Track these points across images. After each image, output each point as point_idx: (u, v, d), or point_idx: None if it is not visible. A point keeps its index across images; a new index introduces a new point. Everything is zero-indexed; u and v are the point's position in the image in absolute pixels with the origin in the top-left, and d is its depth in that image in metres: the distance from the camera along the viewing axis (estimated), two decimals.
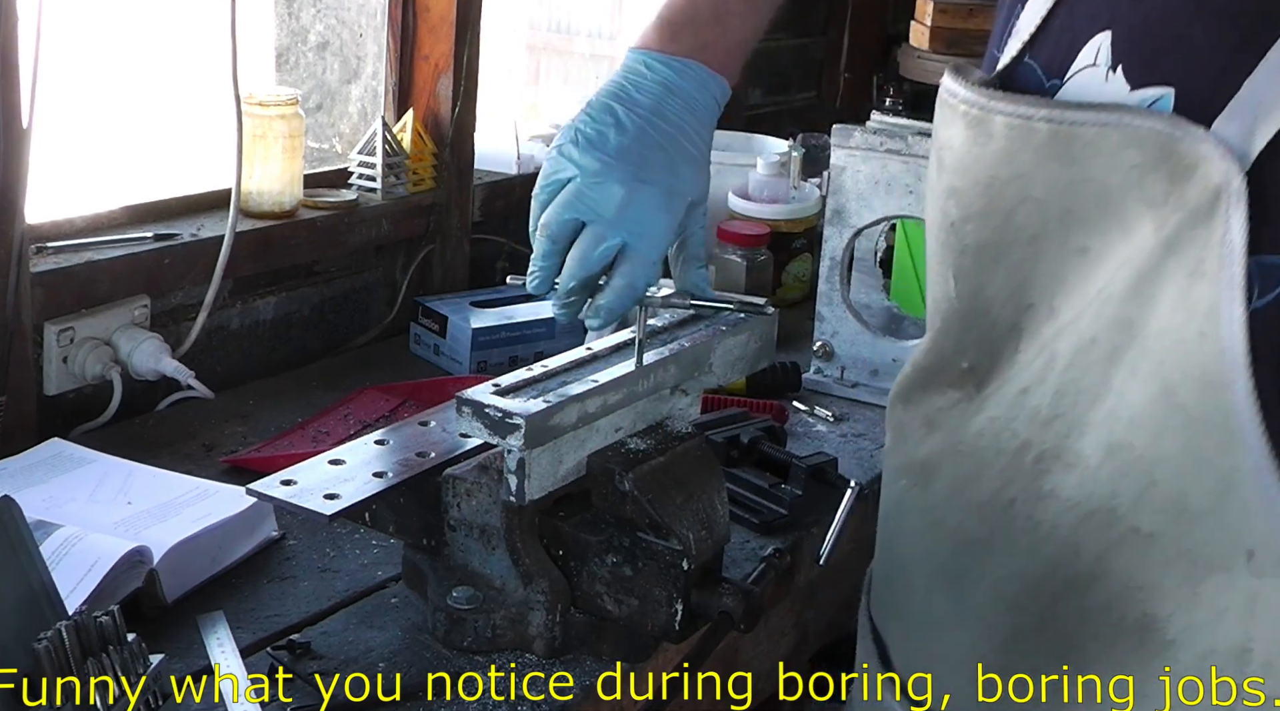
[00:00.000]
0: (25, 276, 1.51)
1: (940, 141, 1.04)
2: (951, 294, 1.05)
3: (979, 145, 0.99)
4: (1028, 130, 0.96)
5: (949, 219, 1.03)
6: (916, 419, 1.12)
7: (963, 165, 1.01)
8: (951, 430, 1.07)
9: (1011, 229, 0.99)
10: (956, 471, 1.07)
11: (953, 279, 1.04)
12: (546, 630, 1.19)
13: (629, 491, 1.16)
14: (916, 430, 1.12)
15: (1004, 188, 0.98)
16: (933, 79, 2.85)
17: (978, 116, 0.99)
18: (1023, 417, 1.01)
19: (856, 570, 1.78)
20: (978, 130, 0.99)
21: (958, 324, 1.05)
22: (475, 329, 1.87)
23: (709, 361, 1.29)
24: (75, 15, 1.91)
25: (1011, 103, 0.97)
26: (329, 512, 1.13)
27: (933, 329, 1.08)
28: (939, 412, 1.09)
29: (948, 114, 1.02)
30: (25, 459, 1.43)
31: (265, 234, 1.82)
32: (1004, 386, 1.03)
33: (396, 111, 2.05)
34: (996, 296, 1.01)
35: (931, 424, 1.10)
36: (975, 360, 1.05)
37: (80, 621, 1.02)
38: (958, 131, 1.01)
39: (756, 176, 2.24)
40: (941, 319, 1.07)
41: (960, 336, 1.05)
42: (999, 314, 1.02)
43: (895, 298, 2.01)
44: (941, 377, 1.08)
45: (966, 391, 1.06)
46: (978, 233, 1.01)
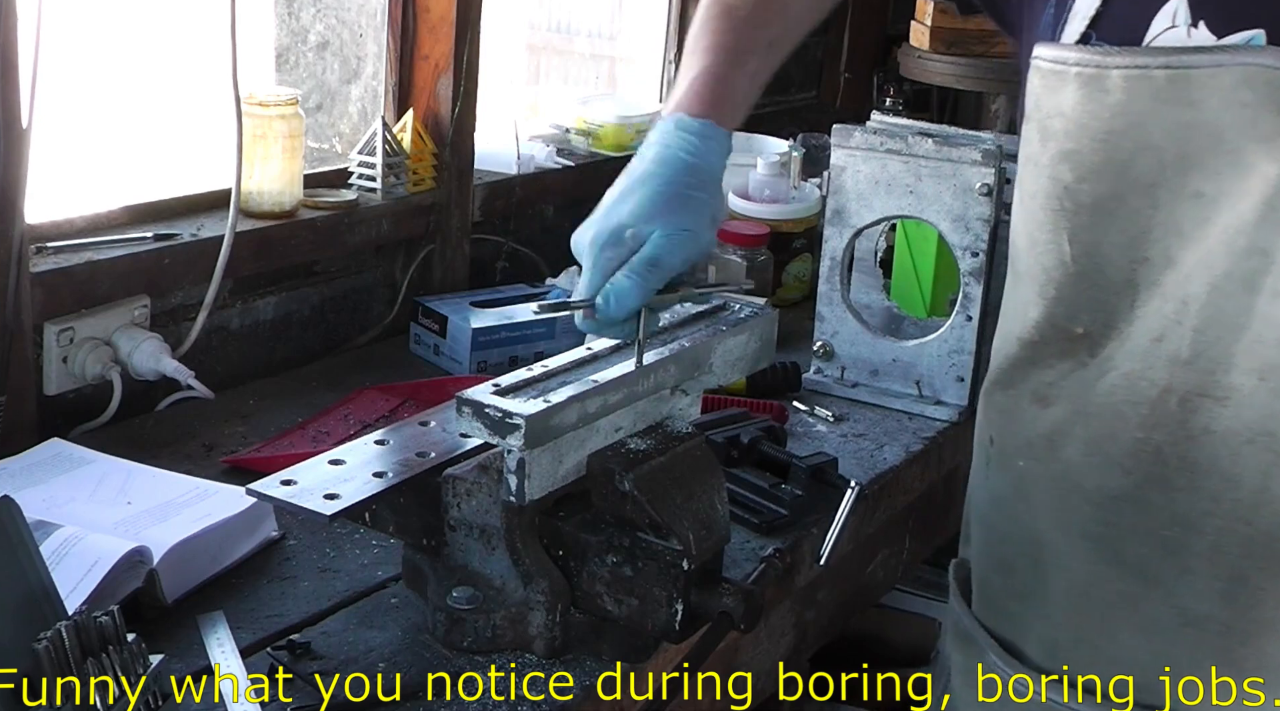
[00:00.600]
0: (25, 276, 1.51)
1: (1046, 110, 1.08)
2: (1066, 258, 1.08)
3: (1094, 102, 1.04)
4: (1145, 78, 1.01)
5: (1061, 184, 1.07)
6: (1024, 399, 1.15)
7: (1078, 125, 1.05)
8: (1072, 397, 1.11)
9: (1128, 180, 1.04)
10: (1088, 434, 1.10)
11: (1067, 242, 1.08)
12: (546, 630, 1.19)
13: (629, 491, 1.16)
14: (1027, 409, 1.15)
15: (1121, 139, 1.03)
16: (933, 79, 2.86)
17: (1093, 74, 1.03)
18: (1160, 364, 1.05)
19: (857, 570, 1.79)
20: (1093, 87, 1.03)
21: (1071, 288, 1.09)
22: (475, 329, 1.87)
23: (709, 361, 1.29)
24: (75, 15, 1.91)
25: (1128, 55, 1.02)
26: (329, 512, 1.13)
27: (1045, 299, 1.11)
28: (1050, 387, 1.13)
29: (1055, 81, 1.06)
30: (25, 459, 1.43)
31: (265, 234, 1.82)
32: (1127, 342, 1.07)
33: (396, 111, 2.05)
34: (1111, 253, 1.06)
35: (1044, 399, 1.13)
36: (1089, 323, 1.09)
37: (80, 621, 1.02)
38: (1070, 94, 1.05)
39: (756, 176, 2.24)
40: (1055, 287, 1.10)
41: (1073, 301, 1.09)
42: (1113, 272, 1.06)
43: (895, 298, 2.01)
44: (1049, 349, 1.12)
45: (1079, 359, 1.10)
46: (1094, 189, 1.05)
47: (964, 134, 1.79)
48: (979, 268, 1.74)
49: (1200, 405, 1.04)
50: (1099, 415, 1.09)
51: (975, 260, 1.74)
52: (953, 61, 2.78)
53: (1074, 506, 1.13)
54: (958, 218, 1.74)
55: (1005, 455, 1.19)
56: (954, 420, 1.79)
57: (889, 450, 1.71)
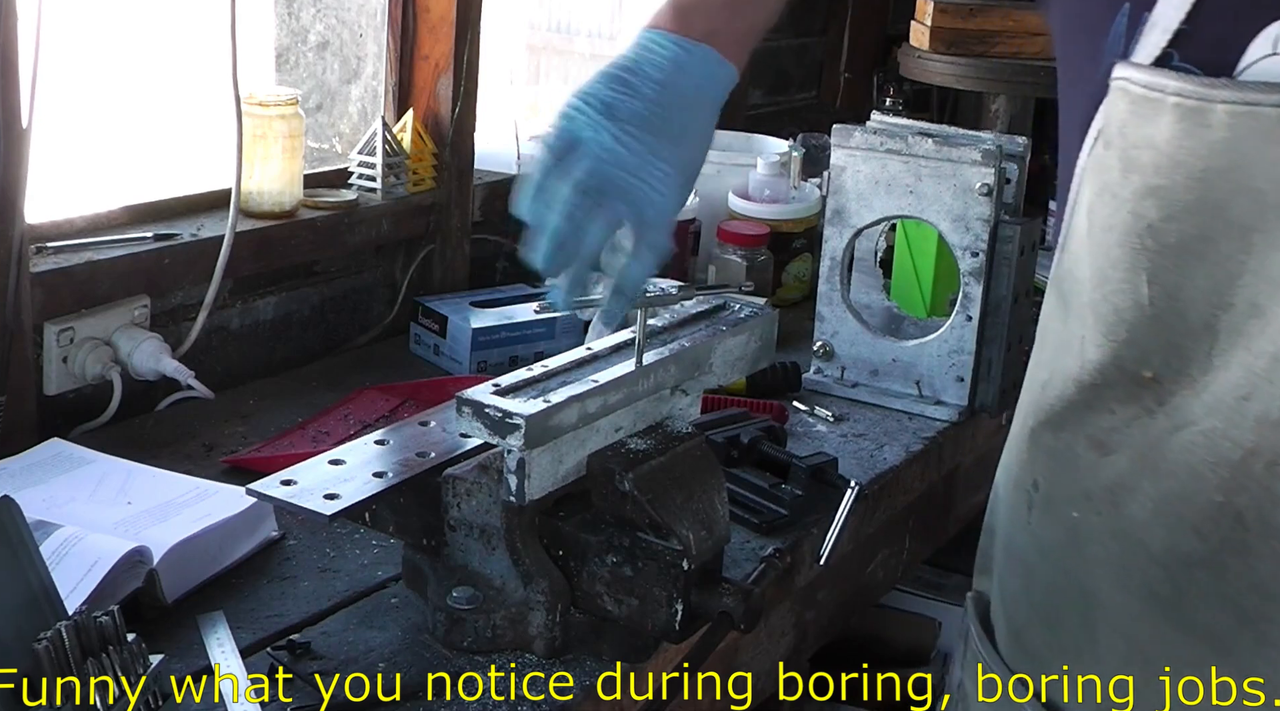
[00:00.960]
0: (25, 276, 1.50)
1: (1133, 139, 1.00)
2: (1144, 300, 1.00)
3: (1193, 137, 0.96)
4: (1253, 116, 0.94)
5: (1144, 221, 0.99)
6: (1078, 443, 1.07)
7: (1171, 160, 0.98)
8: (1139, 450, 1.03)
9: (1222, 223, 0.97)
10: (1158, 491, 1.02)
11: (1146, 283, 1.00)
12: (546, 630, 1.19)
13: (629, 491, 1.16)
14: (1083, 456, 1.07)
15: (1219, 178, 0.96)
16: (933, 79, 2.86)
17: (1195, 107, 0.96)
18: (1246, 424, 0.98)
19: (857, 570, 1.79)
20: (1193, 121, 0.96)
21: (1145, 330, 1.01)
22: (475, 329, 1.87)
23: (709, 361, 1.29)
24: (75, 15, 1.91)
25: (1237, 89, 0.95)
26: (329, 512, 1.13)
27: (1113, 341, 1.03)
28: (1110, 433, 1.05)
29: (1148, 109, 0.99)
30: (25, 459, 1.43)
31: (265, 234, 1.82)
32: (1204, 394, 0.99)
33: (396, 111, 2.05)
34: (1194, 297, 0.98)
35: (1103, 446, 1.05)
36: (1160, 367, 1.01)
37: (80, 621, 1.02)
38: (1165, 125, 0.97)
39: (756, 176, 2.24)
40: (1128, 329, 1.02)
41: (1146, 344, 1.01)
42: (1193, 316, 0.99)
43: (895, 298, 2.01)
44: (1111, 394, 1.04)
45: (1145, 405, 1.02)
46: (1182, 230, 0.98)
47: (964, 134, 1.79)
48: (979, 267, 1.74)
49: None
50: (1172, 473, 1.01)
51: (975, 260, 1.74)
52: (953, 61, 2.78)
53: (1138, 566, 1.05)
54: (958, 218, 1.74)
55: (1055, 503, 1.11)
56: (954, 420, 1.79)
57: (889, 450, 1.71)
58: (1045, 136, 3.20)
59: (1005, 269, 1.75)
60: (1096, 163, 1.04)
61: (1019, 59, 2.75)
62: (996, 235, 1.74)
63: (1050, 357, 1.11)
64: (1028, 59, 2.75)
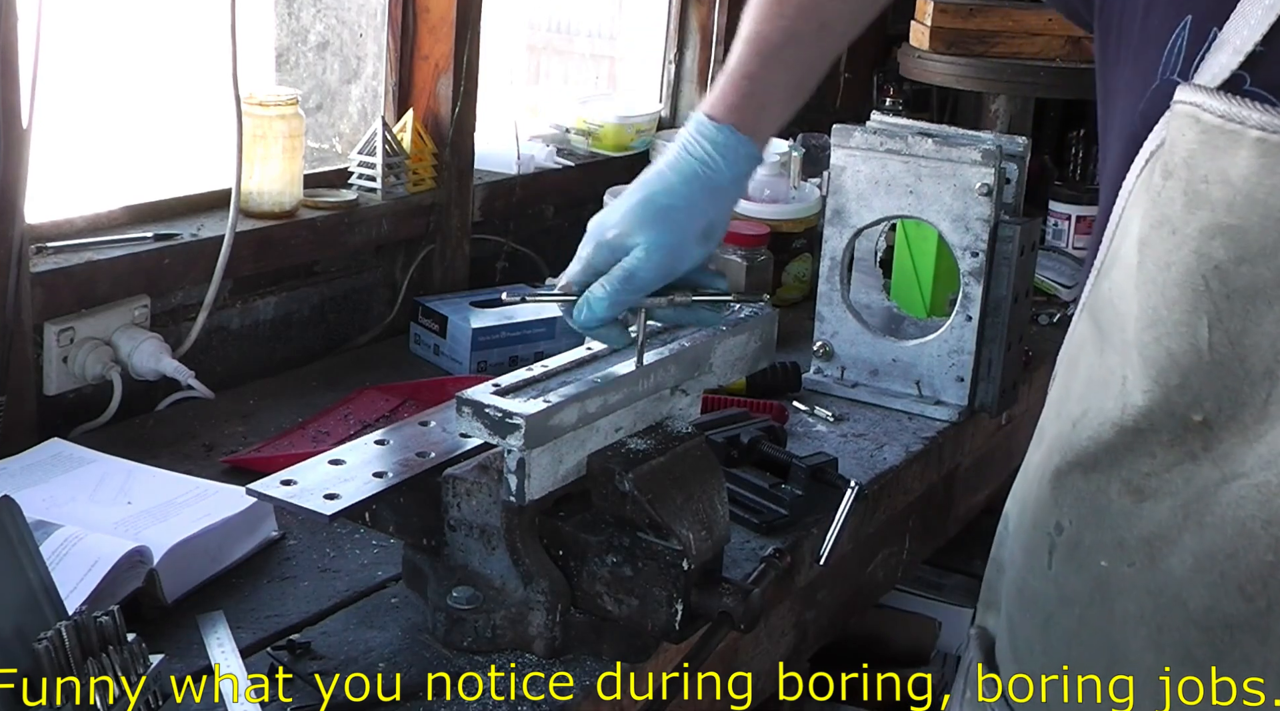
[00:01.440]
0: (25, 276, 1.50)
1: (1202, 173, 0.93)
2: (1203, 345, 0.94)
3: (1277, 175, 0.89)
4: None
5: (1211, 262, 0.93)
6: (1112, 487, 1.01)
7: (1248, 199, 0.91)
8: (1181, 499, 0.97)
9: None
10: (1202, 547, 0.96)
11: (1207, 328, 0.94)
12: (546, 630, 1.19)
13: (629, 491, 1.16)
14: (1116, 502, 1.01)
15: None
16: (933, 79, 2.86)
17: (1278, 143, 0.89)
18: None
19: (857, 570, 1.79)
20: (1277, 158, 0.89)
21: (1201, 376, 0.95)
22: (475, 329, 1.87)
23: (709, 361, 1.29)
24: (75, 15, 1.91)
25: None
26: (329, 512, 1.13)
27: (1163, 386, 0.97)
28: (1148, 478, 0.99)
29: (1223, 140, 0.92)
30: (25, 459, 1.43)
31: (265, 234, 1.82)
32: (1259, 444, 0.93)
33: (396, 111, 2.05)
34: (1260, 343, 0.92)
35: (1140, 492, 0.99)
36: (1211, 412, 0.95)
37: (80, 621, 1.02)
38: (1243, 160, 0.90)
39: (757, 176, 2.23)
40: (1181, 375, 0.96)
41: (1200, 389, 0.95)
42: (1255, 362, 0.93)
43: (895, 298, 2.01)
44: (1157, 437, 0.98)
45: (1190, 449, 0.96)
46: (1254, 273, 0.91)
47: (964, 134, 1.79)
48: (979, 267, 1.74)
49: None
50: (1217, 527, 0.95)
51: (975, 260, 1.74)
52: (953, 61, 2.78)
53: (1174, 626, 0.99)
54: (958, 218, 1.74)
55: (1082, 550, 1.05)
56: (954, 420, 1.79)
57: (889, 450, 1.71)
58: (1045, 136, 3.20)
59: (1005, 269, 1.75)
60: (1153, 193, 0.96)
61: (1019, 59, 2.75)
62: (996, 235, 1.74)
63: (1084, 392, 1.05)
64: (1028, 59, 2.75)
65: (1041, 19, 2.76)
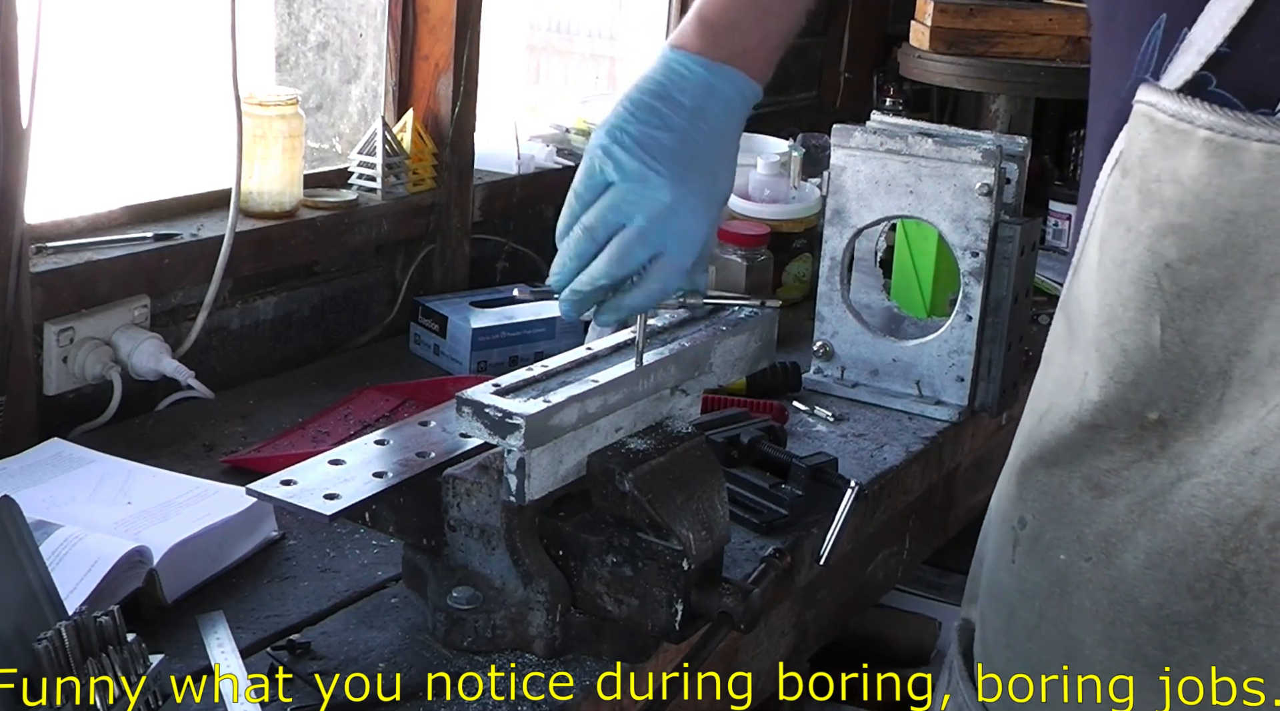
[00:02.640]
0: (25, 276, 1.51)
1: (1155, 172, 0.93)
2: (1155, 342, 0.94)
3: (1224, 175, 0.89)
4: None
5: (1162, 260, 0.93)
6: (1073, 483, 1.02)
7: (1198, 199, 0.91)
8: (1138, 496, 0.98)
9: (1247, 268, 0.90)
10: (1155, 544, 0.97)
11: (1159, 325, 0.94)
12: (546, 630, 1.19)
13: (629, 491, 1.16)
14: (1077, 497, 1.02)
15: (1249, 222, 0.89)
16: (933, 79, 2.86)
17: (1228, 143, 0.89)
18: (1252, 482, 0.92)
19: (857, 570, 1.79)
20: (1225, 159, 0.89)
21: (1154, 374, 0.95)
22: (475, 329, 1.87)
23: (709, 361, 1.29)
24: (75, 15, 1.91)
25: (1276, 128, 0.87)
26: (329, 512, 1.13)
27: (1119, 383, 0.97)
28: (1108, 475, 0.99)
29: (1174, 140, 0.92)
30: (25, 459, 1.43)
31: (265, 234, 1.82)
32: (1212, 445, 0.94)
33: (396, 111, 2.05)
34: (1211, 343, 0.93)
35: (1100, 489, 1.00)
36: (1167, 410, 0.95)
37: (80, 621, 1.02)
38: (1193, 160, 0.90)
39: (756, 176, 2.24)
40: (1135, 372, 0.96)
41: (1154, 388, 0.96)
42: (1207, 361, 0.93)
43: (895, 298, 2.01)
44: (1114, 434, 0.99)
45: (1147, 448, 0.97)
46: (1204, 273, 0.92)
47: (964, 134, 1.79)
48: (979, 267, 1.74)
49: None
50: (1169, 526, 0.96)
51: (975, 260, 1.74)
52: (953, 61, 2.78)
53: (1126, 622, 1.00)
54: (958, 218, 1.74)
55: (1042, 544, 1.06)
56: (954, 420, 1.79)
57: (889, 450, 1.71)
58: (1045, 136, 3.20)
59: (1005, 269, 1.75)
60: (1113, 190, 0.97)
61: (1019, 59, 2.75)
62: (996, 235, 1.74)
63: (1052, 388, 1.06)
64: (1028, 59, 2.75)
65: (1041, 19, 2.76)
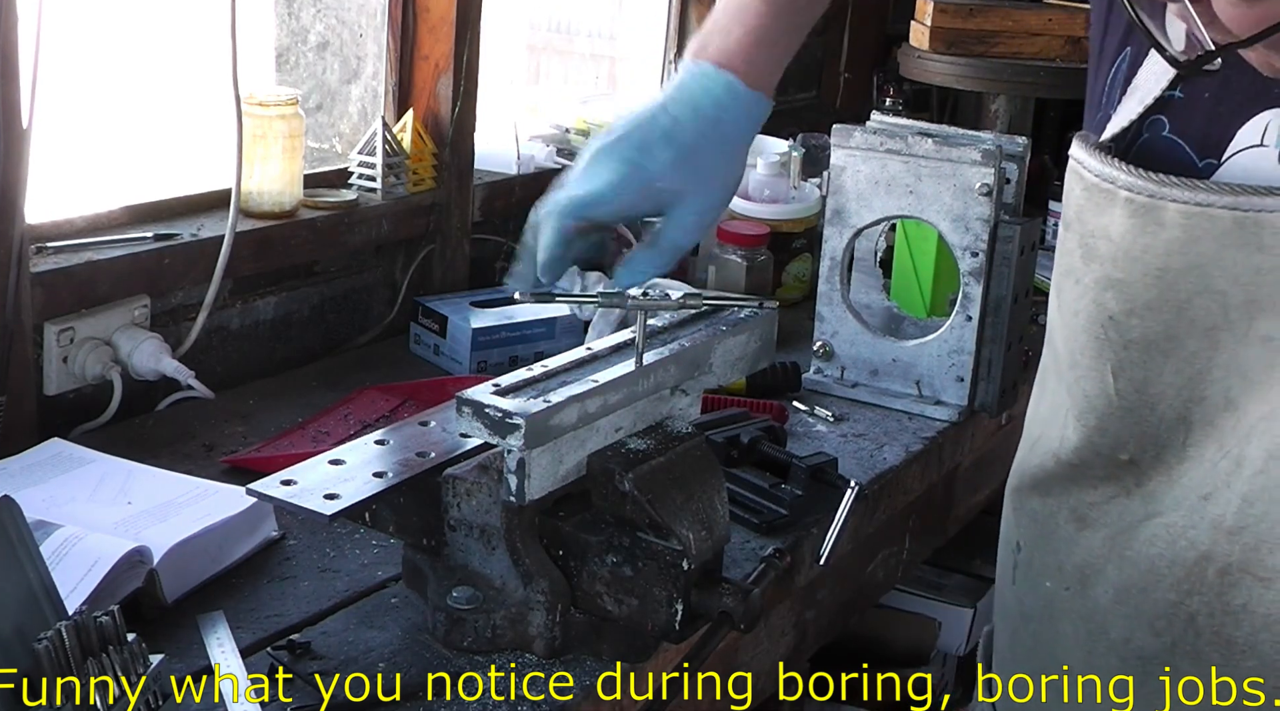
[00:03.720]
0: (25, 276, 1.51)
1: (1090, 228, 0.95)
2: (1111, 391, 0.97)
3: (1148, 234, 0.92)
4: (1208, 218, 0.89)
5: (1106, 312, 0.95)
6: (1062, 513, 1.04)
7: (1127, 256, 0.93)
8: (1112, 530, 1.00)
9: (1185, 321, 0.92)
10: (1122, 579, 0.99)
11: (1111, 375, 0.96)
12: (546, 630, 1.19)
13: (629, 491, 1.16)
14: (1063, 527, 1.04)
15: (1178, 278, 0.91)
16: (933, 79, 2.86)
17: (1146, 203, 0.91)
18: (1203, 526, 0.94)
19: (857, 570, 1.79)
20: (1146, 218, 0.91)
21: (1116, 421, 0.98)
22: (475, 329, 1.87)
23: (709, 361, 1.29)
24: (75, 15, 1.91)
25: (1188, 190, 0.90)
26: (329, 512, 1.13)
27: (1084, 426, 1.00)
28: (1091, 508, 1.02)
29: (1101, 199, 0.94)
30: (25, 459, 1.43)
31: (265, 234, 1.82)
32: (1175, 487, 0.96)
33: (396, 111, 2.05)
34: (1164, 391, 0.94)
35: (1083, 520, 1.02)
36: (1136, 452, 0.97)
37: (80, 621, 1.02)
38: (1117, 218, 0.93)
39: (756, 176, 2.24)
40: (1097, 417, 0.99)
41: (1119, 432, 0.98)
42: (1165, 408, 0.95)
43: (895, 298, 2.01)
44: (1092, 472, 1.01)
45: (1124, 485, 0.99)
46: (1144, 326, 0.94)
47: (964, 134, 1.79)
48: (979, 267, 1.74)
49: (1240, 581, 0.93)
50: (1134, 563, 0.98)
51: (975, 260, 1.74)
52: (953, 61, 2.78)
53: (1100, 652, 1.02)
54: (958, 218, 1.74)
55: (1033, 570, 1.09)
56: (954, 420, 1.79)
57: (889, 450, 1.71)
58: (1045, 136, 3.20)
59: (1005, 269, 1.75)
60: (1060, 241, 0.99)
61: (1019, 59, 2.75)
62: (996, 235, 1.74)
63: (1045, 415, 1.07)
64: (1028, 59, 2.75)
65: (1041, 19, 2.76)
